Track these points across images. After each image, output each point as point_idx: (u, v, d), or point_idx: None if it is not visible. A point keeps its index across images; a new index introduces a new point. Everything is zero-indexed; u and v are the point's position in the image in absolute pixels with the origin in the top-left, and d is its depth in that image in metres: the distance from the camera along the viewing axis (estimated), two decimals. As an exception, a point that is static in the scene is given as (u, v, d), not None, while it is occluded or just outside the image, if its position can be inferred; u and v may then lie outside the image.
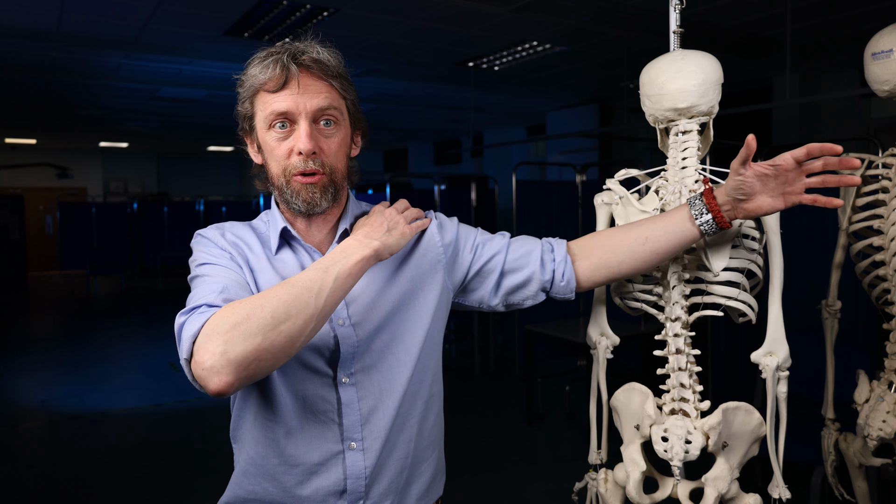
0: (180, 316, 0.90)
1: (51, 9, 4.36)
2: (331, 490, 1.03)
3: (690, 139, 1.24)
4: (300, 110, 1.01)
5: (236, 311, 0.86)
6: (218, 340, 0.83)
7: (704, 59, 1.22)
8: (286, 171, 1.03)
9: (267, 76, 1.01)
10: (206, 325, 0.85)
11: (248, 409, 1.05)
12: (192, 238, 1.11)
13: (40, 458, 3.90)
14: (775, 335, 1.17)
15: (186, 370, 0.87)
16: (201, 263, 1.02)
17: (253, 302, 0.87)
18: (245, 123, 1.08)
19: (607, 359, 1.37)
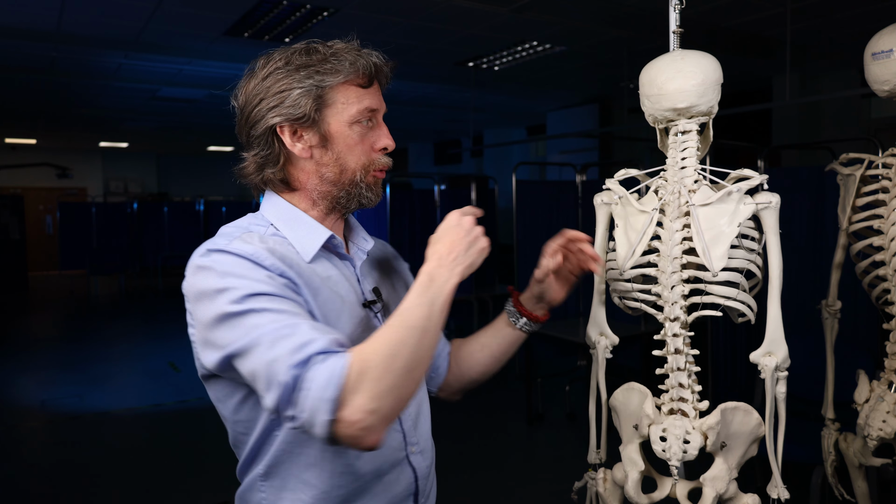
0: (289, 371, 0.80)
1: (51, 9, 4.36)
2: (406, 493, 1.06)
3: (690, 139, 1.24)
4: (380, 109, 1.04)
5: (372, 363, 0.81)
6: (366, 398, 0.79)
7: (704, 59, 1.22)
8: (368, 165, 1.03)
9: (366, 70, 1.00)
10: (347, 382, 0.79)
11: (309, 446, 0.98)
12: (202, 254, 0.94)
13: (40, 458, 3.90)
14: (774, 335, 1.17)
15: (323, 430, 0.79)
16: (252, 294, 0.87)
17: (385, 350, 0.83)
18: (310, 108, 0.97)
19: (607, 359, 1.37)
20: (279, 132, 0.99)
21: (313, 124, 0.99)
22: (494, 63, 6.17)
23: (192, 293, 0.93)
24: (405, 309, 0.88)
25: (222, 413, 1.02)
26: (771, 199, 1.15)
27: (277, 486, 1.00)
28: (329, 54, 0.99)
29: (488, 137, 11.61)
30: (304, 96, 0.97)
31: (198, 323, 0.92)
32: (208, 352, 0.92)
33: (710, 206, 1.17)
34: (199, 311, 0.92)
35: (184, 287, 0.95)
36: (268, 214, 1.04)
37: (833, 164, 1.80)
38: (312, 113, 0.98)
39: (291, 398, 0.80)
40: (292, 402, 0.80)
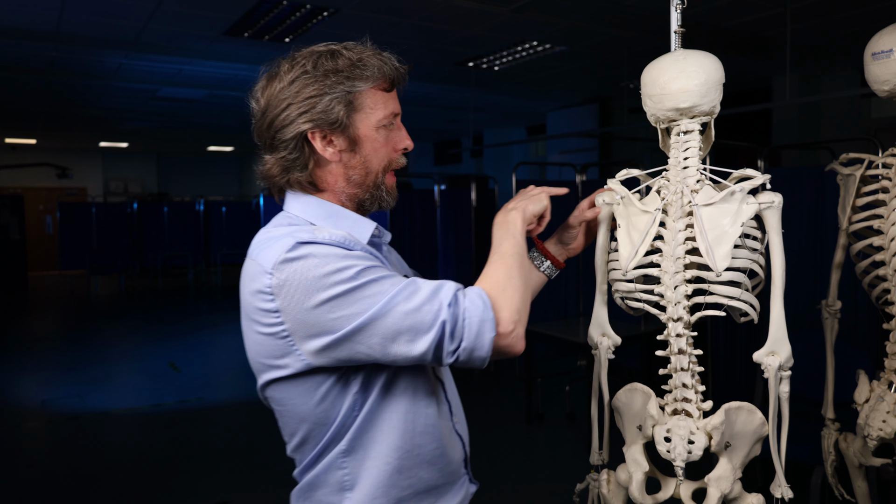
0: (444, 311, 0.91)
1: (51, 9, 4.36)
2: (461, 459, 1.16)
3: (692, 139, 1.24)
4: (400, 112, 1.09)
5: (499, 285, 0.97)
6: (509, 311, 0.95)
7: (706, 59, 1.21)
8: (388, 166, 1.08)
9: (390, 75, 1.04)
10: (494, 303, 0.94)
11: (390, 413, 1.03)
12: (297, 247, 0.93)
13: (40, 458, 3.90)
14: (777, 335, 1.17)
15: (488, 346, 0.93)
16: (363, 269, 0.93)
17: (500, 276, 0.99)
18: (341, 114, 1.00)
19: (608, 359, 1.36)
20: (310, 138, 1.01)
21: (344, 129, 1.02)
22: (494, 63, 6.17)
23: (288, 286, 0.92)
24: (498, 245, 1.04)
25: (298, 410, 1.02)
26: (774, 199, 1.15)
27: (360, 457, 1.03)
28: (356, 60, 1.01)
29: (488, 137, 11.61)
30: (336, 102, 0.99)
31: (298, 312, 0.92)
32: (318, 336, 0.93)
33: (713, 205, 1.17)
34: (300, 300, 0.92)
35: (265, 285, 0.94)
36: (302, 214, 1.05)
37: (833, 164, 1.80)
38: (344, 118, 1.00)
39: (455, 332, 0.92)
40: (455, 336, 0.92)
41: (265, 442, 4.01)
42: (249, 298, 0.97)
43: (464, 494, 1.15)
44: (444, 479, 1.10)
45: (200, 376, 5.61)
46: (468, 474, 1.18)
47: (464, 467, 1.17)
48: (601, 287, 1.35)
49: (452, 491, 1.12)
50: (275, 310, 0.93)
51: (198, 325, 8.02)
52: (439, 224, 5.77)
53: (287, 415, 1.04)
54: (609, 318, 1.38)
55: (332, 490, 1.04)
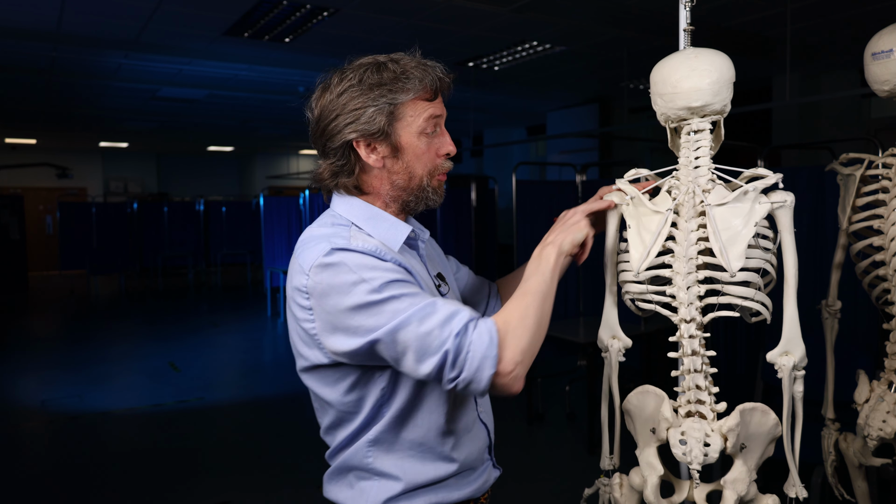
0: (450, 341, 0.95)
1: (51, 9, 4.36)
2: (485, 446, 1.22)
3: (703, 138, 1.22)
4: (443, 117, 1.14)
5: (512, 323, 1.00)
6: (513, 351, 0.98)
7: (718, 58, 1.20)
8: (433, 171, 1.14)
9: (433, 86, 1.10)
10: (501, 340, 0.97)
11: (415, 414, 1.11)
12: (326, 253, 1.02)
13: (40, 458, 3.90)
14: (791, 334, 1.16)
15: (485, 384, 0.96)
16: (387, 282, 1.00)
17: (517, 313, 1.01)
18: (384, 124, 1.08)
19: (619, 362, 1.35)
20: (355, 146, 1.09)
21: (386, 138, 1.09)
22: (494, 63, 6.17)
23: (319, 289, 1.01)
24: (525, 280, 1.07)
25: (326, 398, 1.11)
26: (786, 199, 1.14)
27: (387, 448, 1.11)
28: (399, 73, 1.08)
29: (488, 137, 11.61)
30: (379, 113, 1.07)
31: (326, 314, 1.02)
32: (341, 338, 1.02)
33: (725, 205, 1.15)
34: (329, 304, 1.01)
35: (302, 284, 1.04)
36: (346, 214, 1.13)
37: (833, 164, 1.80)
38: (386, 128, 1.08)
39: (456, 362, 0.96)
40: (456, 365, 0.96)
41: (265, 442, 4.01)
42: (291, 293, 1.07)
43: (485, 479, 1.21)
44: (467, 465, 1.17)
45: (200, 376, 5.61)
46: (492, 460, 1.25)
47: (488, 453, 1.23)
48: (611, 289, 1.33)
49: (474, 475, 1.19)
50: (308, 307, 1.04)
51: (198, 325, 8.02)
52: (439, 224, 5.77)
53: (317, 401, 1.15)
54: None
55: (360, 473, 1.12)
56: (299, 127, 10.07)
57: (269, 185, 12.96)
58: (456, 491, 1.15)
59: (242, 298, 10.22)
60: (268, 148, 14.66)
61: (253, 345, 7.01)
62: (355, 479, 1.13)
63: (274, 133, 11.40)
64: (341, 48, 5.52)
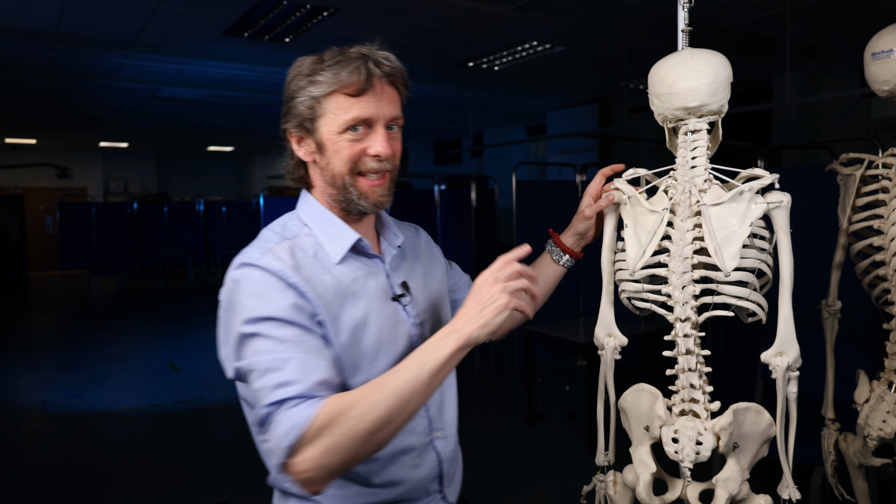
0: (265, 407, 0.90)
1: (51, 9, 4.36)
2: (431, 476, 1.12)
3: (700, 138, 1.23)
4: (379, 117, 1.04)
5: (336, 420, 0.87)
6: (318, 452, 0.87)
7: (714, 58, 1.21)
8: (353, 170, 1.05)
9: (350, 80, 1.01)
10: (306, 434, 0.87)
11: None
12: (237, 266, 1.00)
13: (40, 458, 3.90)
14: (785, 335, 1.16)
15: (275, 468, 0.91)
16: (265, 318, 0.94)
17: (354, 409, 0.87)
18: (306, 123, 1.04)
19: (614, 360, 1.35)
20: (288, 136, 1.09)
21: (311, 133, 1.05)
22: (494, 63, 6.16)
23: (223, 302, 1.00)
24: (396, 368, 0.93)
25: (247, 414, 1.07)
26: (782, 199, 1.15)
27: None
28: (331, 63, 1.01)
29: (488, 137, 11.61)
30: (302, 106, 1.03)
31: (223, 329, 1.00)
32: (228, 359, 0.99)
33: (721, 205, 1.16)
34: (225, 321, 0.99)
35: (220, 294, 1.02)
36: (302, 214, 1.11)
37: (833, 164, 1.80)
38: (306, 123, 1.04)
39: (263, 428, 0.91)
40: (264, 431, 0.91)
41: (265, 442, 4.01)
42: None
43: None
44: (400, 496, 1.08)
45: (200, 376, 5.61)
46: (441, 493, 1.15)
47: (437, 485, 1.13)
48: (608, 287, 1.34)
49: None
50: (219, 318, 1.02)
51: (198, 325, 8.02)
52: (439, 224, 5.77)
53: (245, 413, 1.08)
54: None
55: (281, 495, 1.08)
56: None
57: (269, 185, 12.93)
58: None
59: (242, 298, 10.21)
60: (268, 148, 14.66)
61: (253, 345, 7.01)
62: (281, 499, 1.08)
63: (274, 133, 11.35)
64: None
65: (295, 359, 0.92)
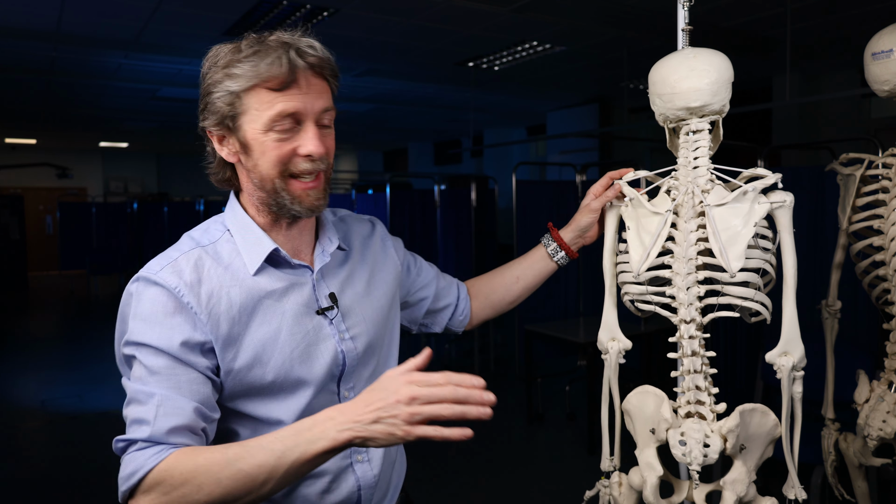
0: (118, 441, 0.90)
1: (51, 9, 4.36)
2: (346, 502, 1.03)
3: (702, 138, 1.22)
4: (308, 111, 0.94)
5: (173, 482, 0.83)
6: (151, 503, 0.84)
7: (716, 58, 1.20)
8: (284, 173, 0.96)
9: (271, 73, 0.90)
10: (142, 485, 0.85)
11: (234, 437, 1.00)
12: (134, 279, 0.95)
13: (40, 458, 3.90)
14: (790, 335, 1.16)
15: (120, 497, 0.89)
16: (142, 344, 0.91)
17: (194, 478, 0.82)
18: (227, 121, 0.94)
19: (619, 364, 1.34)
20: (209, 135, 0.99)
21: (234, 131, 0.96)
22: (494, 63, 6.16)
23: (119, 312, 0.97)
24: (252, 446, 0.83)
25: None
26: (785, 199, 1.15)
27: None
28: (249, 54, 0.92)
29: (488, 137, 11.60)
30: (221, 101, 0.94)
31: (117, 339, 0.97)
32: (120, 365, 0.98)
33: (725, 206, 1.15)
34: (119, 331, 0.96)
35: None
36: (226, 219, 1.03)
37: (833, 164, 1.80)
38: (227, 121, 0.95)
39: (121, 460, 0.90)
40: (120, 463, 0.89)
41: (265, 442, 4.01)
42: None
43: None
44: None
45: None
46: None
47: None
48: (611, 290, 1.33)
49: None
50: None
51: (198, 325, 8.02)
52: (439, 224, 5.77)
53: None
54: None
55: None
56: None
57: (269, 185, 12.95)
58: None
59: (242, 298, 10.21)
60: (268, 148, 14.65)
61: (253, 345, 7.01)
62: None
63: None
64: (341, 48, 5.52)
65: (157, 395, 0.88)
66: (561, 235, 1.33)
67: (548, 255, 1.32)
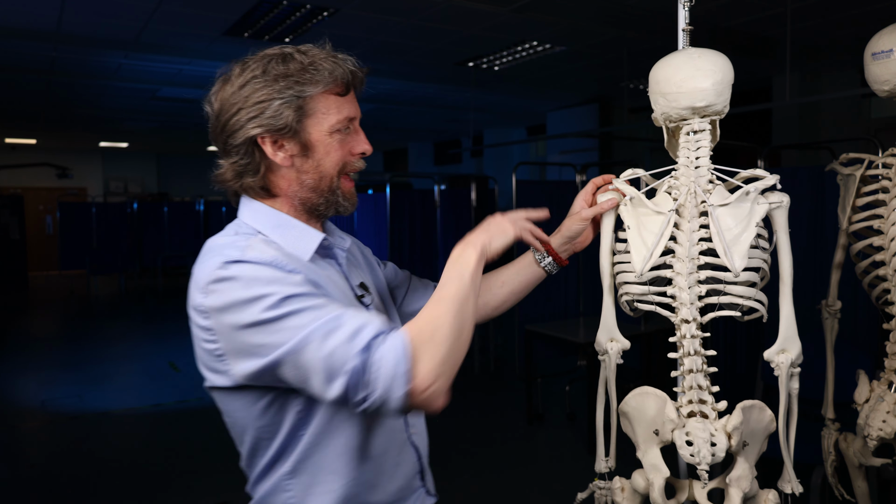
0: (354, 358, 0.85)
1: (51, 9, 4.36)
2: (413, 472, 1.12)
3: (703, 138, 1.23)
4: (358, 115, 1.06)
5: (425, 334, 0.89)
6: (430, 365, 0.87)
7: (720, 58, 1.21)
8: (342, 171, 1.05)
9: (344, 79, 1.01)
10: (413, 353, 0.87)
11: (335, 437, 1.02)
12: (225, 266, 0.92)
13: (40, 458, 3.90)
14: (788, 332, 1.17)
15: (399, 401, 0.86)
16: (286, 297, 0.89)
17: (432, 323, 0.90)
18: (291, 124, 0.99)
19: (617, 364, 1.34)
20: (260, 142, 1.00)
21: (295, 134, 1.00)
22: (494, 63, 6.16)
23: (215, 306, 0.92)
24: (441, 285, 0.96)
25: (240, 422, 1.02)
26: (783, 199, 1.16)
27: (306, 482, 1.01)
28: (307, 63, 0.99)
29: (488, 137, 11.61)
30: (286, 107, 0.98)
31: (226, 334, 0.92)
32: (243, 362, 0.92)
33: (727, 206, 1.16)
34: (227, 322, 0.91)
35: (198, 303, 0.94)
36: (250, 222, 1.04)
37: (833, 164, 1.80)
38: (294, 123, 0.99)
39: (362, 381, 0.85)
40: (364, 384, 0.85)
41: (265, 442, 4.01)
42: (190, 311, 0.97)
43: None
44: (395, 496, 1.08)
45: (200, 376, 5.59)
46: (424, 487, 1.15)
47: (419, 480, 1.14)
48: (609, 290, 1.32)
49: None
50: (209, 328, 0.94)
51: (198, 325, 8.02)
52: (439, 224, 5.77)
53: (232, 424, 1.04)
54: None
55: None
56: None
57: (269, 185, 12.95)
58: None
59: (242, 298, 10.21)
60: (268, 148, 14.65)
61: (253, 345, 7.01)
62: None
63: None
64: (341, 48, 5.51)
65: (346, 312, 0.89)
66: (550, 242, 1.29)
67: (535, 262, 1.29)
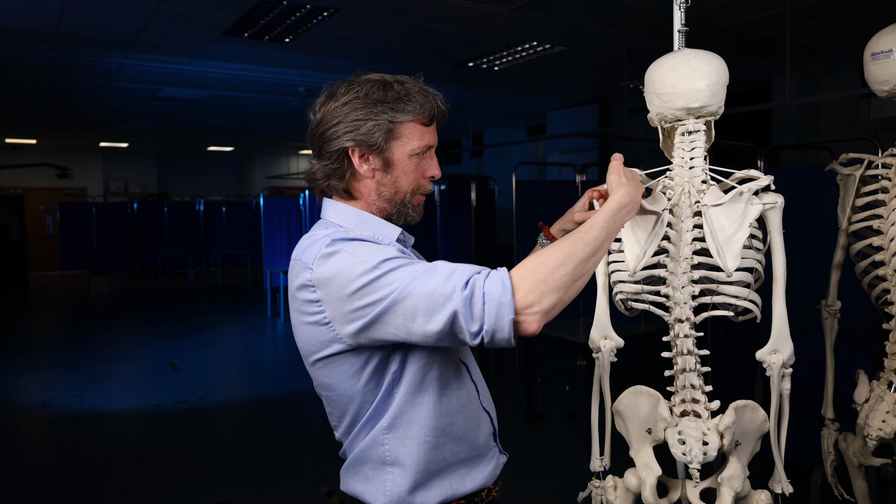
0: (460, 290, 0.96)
1: (51, 9, 4.37)
2: (489, 433, 1.26)
3: (698, 139, 1.23)
4: (435, 143, 1.22)
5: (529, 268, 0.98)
6: (533, 284, 0.97)
7: (715, 60, 1.22)
8: (416, 189, 1.20)
9: (431, 112, 1.17)
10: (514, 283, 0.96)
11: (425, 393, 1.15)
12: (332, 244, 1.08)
13: (40, 458, 3.90)
14: (780, 333, 1.17)
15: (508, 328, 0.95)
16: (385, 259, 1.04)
17: (556, 258, 0.99)
18: (380, 142, 1.14)
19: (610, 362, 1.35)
20: (350, 153, 1.16)
21: (381, 152, 1.16)
22: (494, 63, 6.17)
23: (324, 277, 1.06)
24: (588, 227, 1.05)
25: (347, 392, 1.14)
26: (777, 200, 1.16)
27: (400, 435, 1.15)
28: (403, 94, 1.15)
29: (488, 137, 11.61)
30: (378, 128, 1.14)
31: (335, 301, 1.05)
32: (353, 321, 1.05)
33: (721, 206, 1.17)
34: (335, 289, 1.05)
35: (306, 279, 1.08)
36: (336, 219, 1.19)
37: (833, 164, 1.81)
38: (382, 143, 1.15)
39: (473, 314, 0.96)
40: (475, 317, 0.96)
41: (265, 442, 4.01)
42: (295, 293, 1.12)
43: (494, 464, 1.26)
44: (475, 451, 1.21)
45: (200, 376, 5.61)
46: (498, 446, 1.28)
47: (493, 440, 1.27)
48: (603, 289, 1.34)
49: (484, 462, 1.23)
50: (316, 300, 1.07)
51: (198, 325, 8.02)
52: (439, 224, 5.77)
53: (336, 398, 1.17)
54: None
55: (375, 464, 1.16)
56: (299, 127, 10.07)
57: (269, 185, 12.96)
58: (468, 480, 1.20)
59: (242, 298, 10.22)
60: (268, 148, 14.66)
61: (253, 345, 7.01)
62: (371, 471, 1.17)
63: (274, 133, 11.40)
64: (341, 48, 5.52)
65: (439, 263, 1.02)
66: (551, 232, 1.38)
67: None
